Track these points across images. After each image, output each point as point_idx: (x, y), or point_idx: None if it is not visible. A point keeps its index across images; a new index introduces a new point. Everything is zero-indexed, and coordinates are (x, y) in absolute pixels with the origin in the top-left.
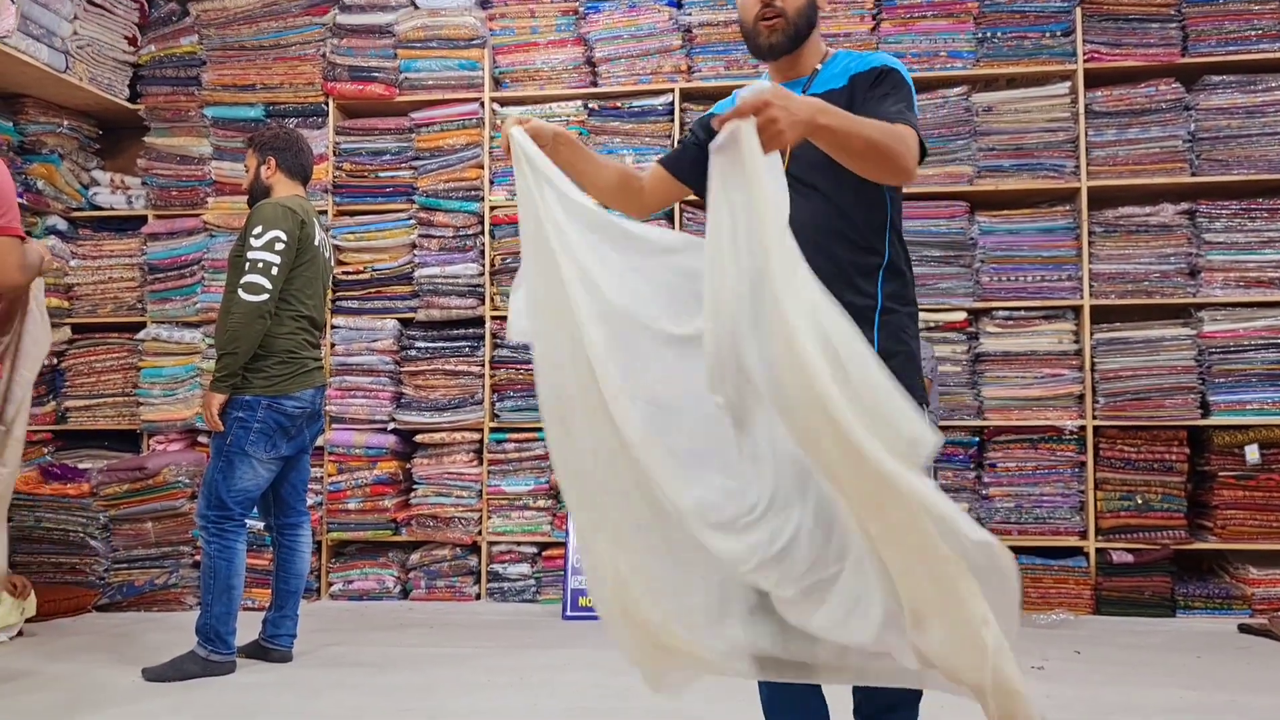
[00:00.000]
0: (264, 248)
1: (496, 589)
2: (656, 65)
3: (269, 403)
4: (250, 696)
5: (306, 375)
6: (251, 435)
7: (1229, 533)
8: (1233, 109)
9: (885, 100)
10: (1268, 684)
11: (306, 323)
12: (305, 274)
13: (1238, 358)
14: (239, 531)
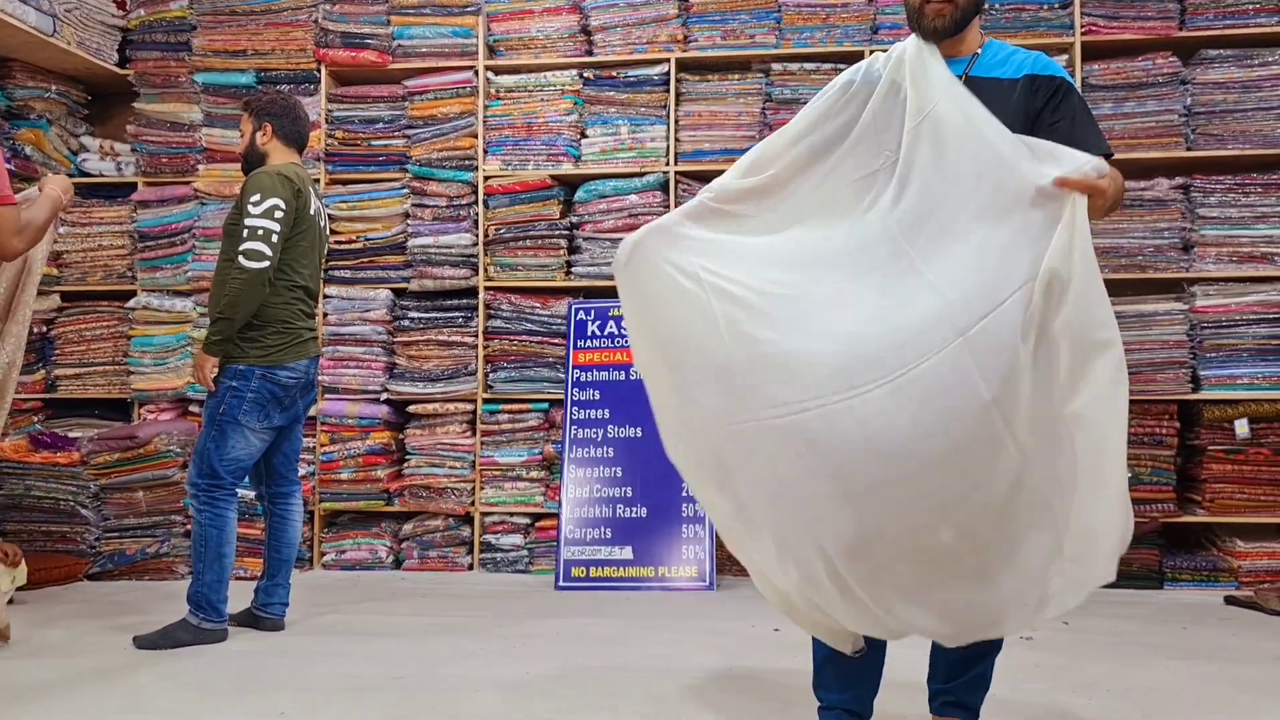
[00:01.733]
0: (263, 215)
1: (489, 559)
2: (653, 35)
3: (263, 372)
4: (242, 665)
5: (301, 345)
6: (245, 405)
7: (1217, 506)
8: (1229, 83)
9: (1084, 127)
10: (1253, 655)
11: (302, 292)
12: (301, 243)
13: (1229, 333)
14: (230, 500)
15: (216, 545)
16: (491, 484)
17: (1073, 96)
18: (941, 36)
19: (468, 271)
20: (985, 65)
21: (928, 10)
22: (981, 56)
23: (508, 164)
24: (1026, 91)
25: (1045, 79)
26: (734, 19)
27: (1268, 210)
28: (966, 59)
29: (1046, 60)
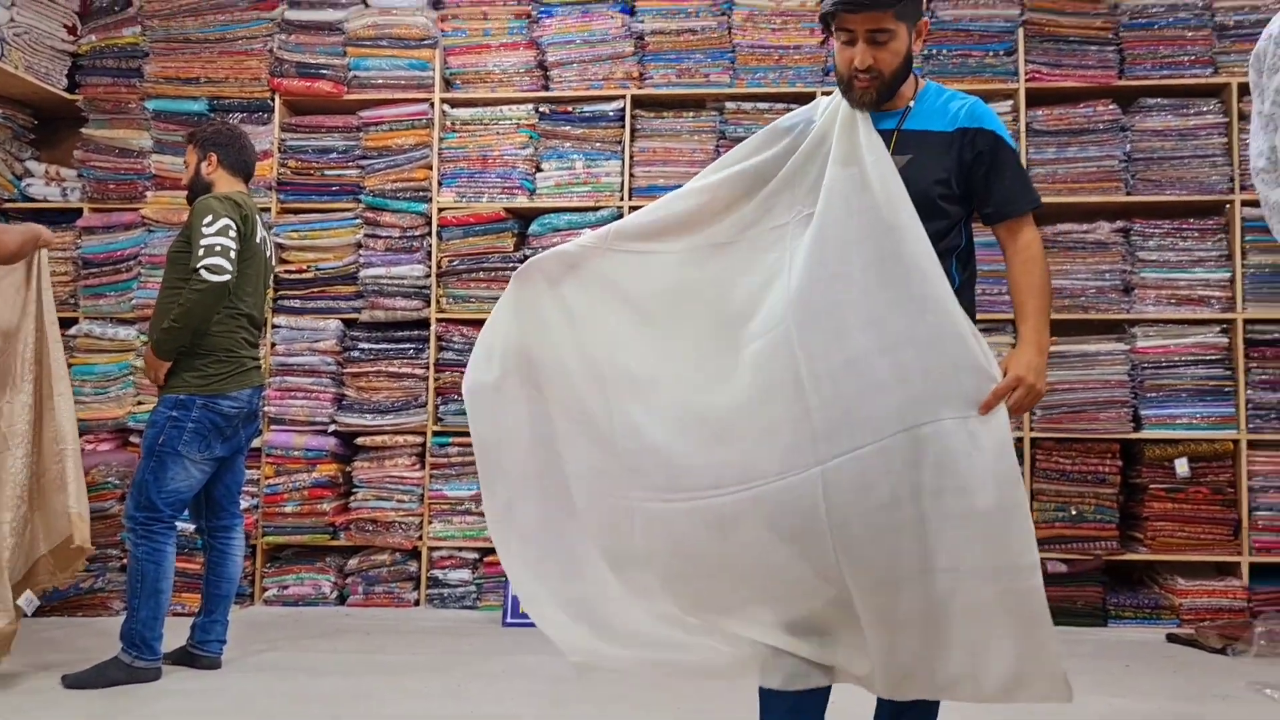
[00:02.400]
0: (219, 233)
1: (436, 595)
2: (608, 71)
3: (205, 402)
4: (174, 705)
5: (244, 375)
6: (185, 435)
7: (1159, 544)
8: (1166, 131)
9: (1008, 179)
10: (1192, 693)
11: (246, 321)
12: (247, 271)
13: (1169, 373)
14: (168, 534)
15: (153, 580)
16: (440, 518)
17: (1003, 151)
18: (871, 108)
19: (420, 303)
20: (920, 117)
21: (855, 84)
22: (916, 107)
23: (462, 196)
24: (959, 144)
25: (976, 131)
26: (689, 58)
27: (1204, 254)
28: (900, 112)
29: (981, 111)
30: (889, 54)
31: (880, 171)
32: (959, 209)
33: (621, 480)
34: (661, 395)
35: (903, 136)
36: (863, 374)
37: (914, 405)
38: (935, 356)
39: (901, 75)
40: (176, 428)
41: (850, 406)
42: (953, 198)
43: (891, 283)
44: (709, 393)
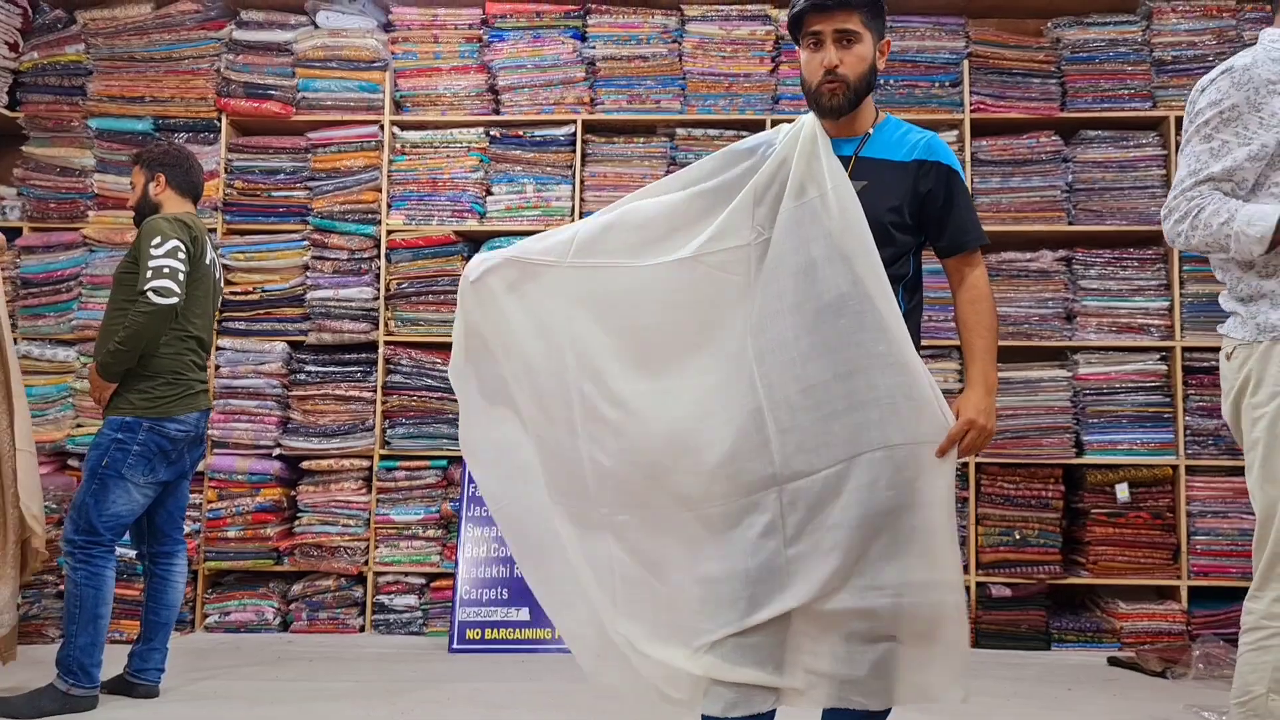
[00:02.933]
0: (167, 255)
1: (382, 621)
2: (560, 96)
3: (151, 424)
4: None
5: (192, 398)
6: (130, 458)
7: (1100, 568)
8: (1107, 162)
9: (960, 213)
10: (1132, 715)
11: (194, 343)
12: (195, 292)
13: (1110, 400)
14: (108, 559)
15: (92, 606)
16: (386, 543)
17: (957, 185)
18: (838, 114)
19: (368, 326)
20: (878, 145)
21: (823, 90)
22: (874, 136)
23: (411, 219)
24: (915, 174)
25: (933, 164)
26: (640, 84)
27: (1143, 283)
28: (859, 138)
29: (938, 145)
30: (855, 57)
31: (839, 196)
32: (910, 239)
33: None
34: (625, 417)
35: (860, 163)
36: (818, 403)
37: (865, 431)
38: (885, 384)
39: (866, 85)
40: (121, 450)
41: (806, 434)
42: (905, 227)
43: (845, 311)
44: (672, 415)
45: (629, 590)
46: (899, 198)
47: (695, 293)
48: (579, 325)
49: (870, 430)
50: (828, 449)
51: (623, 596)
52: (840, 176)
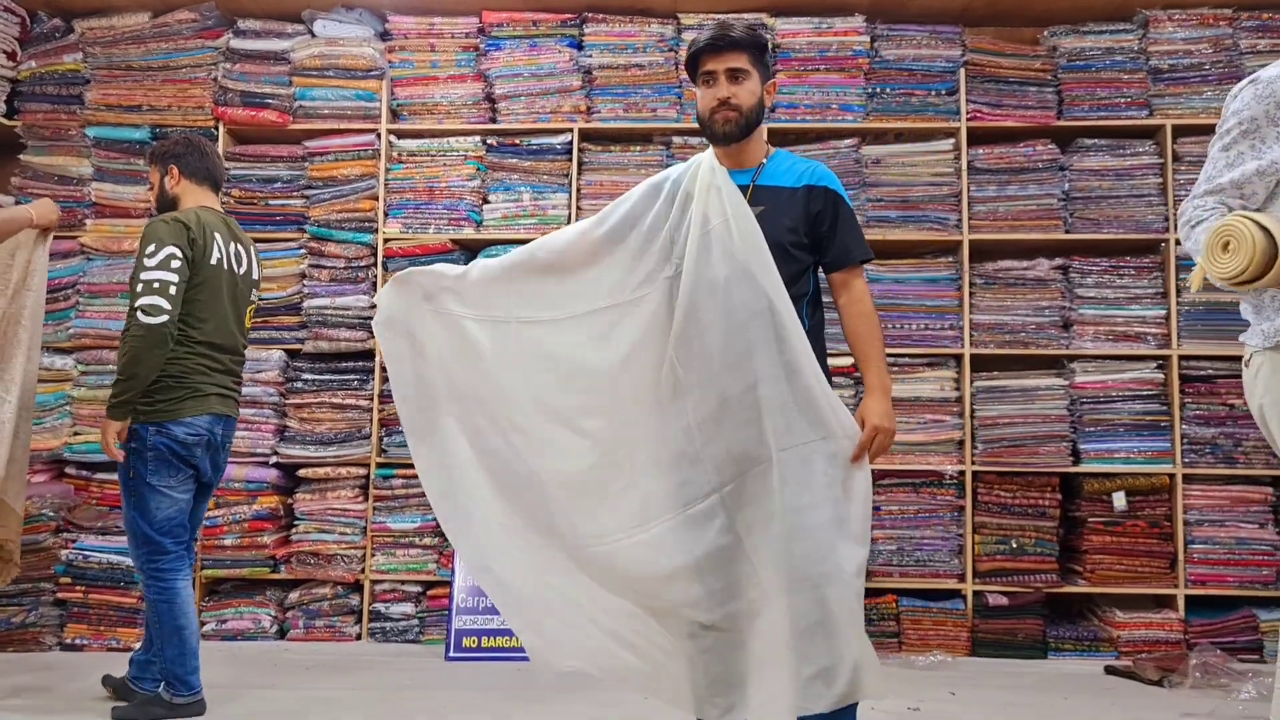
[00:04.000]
0: (159, 266)
1: (378, 629)
2: (556, 104)
3: (157, 429)
4: None
5: (200, 400)
6: (149, 464)
7: (1097, 577)
8: (1104, 171)
9: (845, 232)
10: None
11: (204, 348)
12: (199, 296)
13: (1106, 408)
14: (177, 567)
15: (170, 619)
16: (383, 550)
17: (842, 206)
18: (730, 141)
19: (364, 334)
20: (770, 174)
21: (717, 119)
22: (768, 166)
23: (408, 227)
24: (805, 198)
25: (820, 189)
26: (636, 93)
27: (1140, 292)
28: (753, 169)
29: (824, 172)
30: (746, 91)
31: (739, 220)
32: (807, 256)
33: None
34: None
35: (756, 191)
36: (733, 412)
37: (770, 436)
38: (783, 391)
39: (756, 117)
40: (139, 459)
41: (729, 441)
42: (801, 245)
43: (751, 325)
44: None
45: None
46: (794, 219)
47: (627, 330)
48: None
49: (774, 435)
50: (744, 456)
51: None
52: (739, 203)
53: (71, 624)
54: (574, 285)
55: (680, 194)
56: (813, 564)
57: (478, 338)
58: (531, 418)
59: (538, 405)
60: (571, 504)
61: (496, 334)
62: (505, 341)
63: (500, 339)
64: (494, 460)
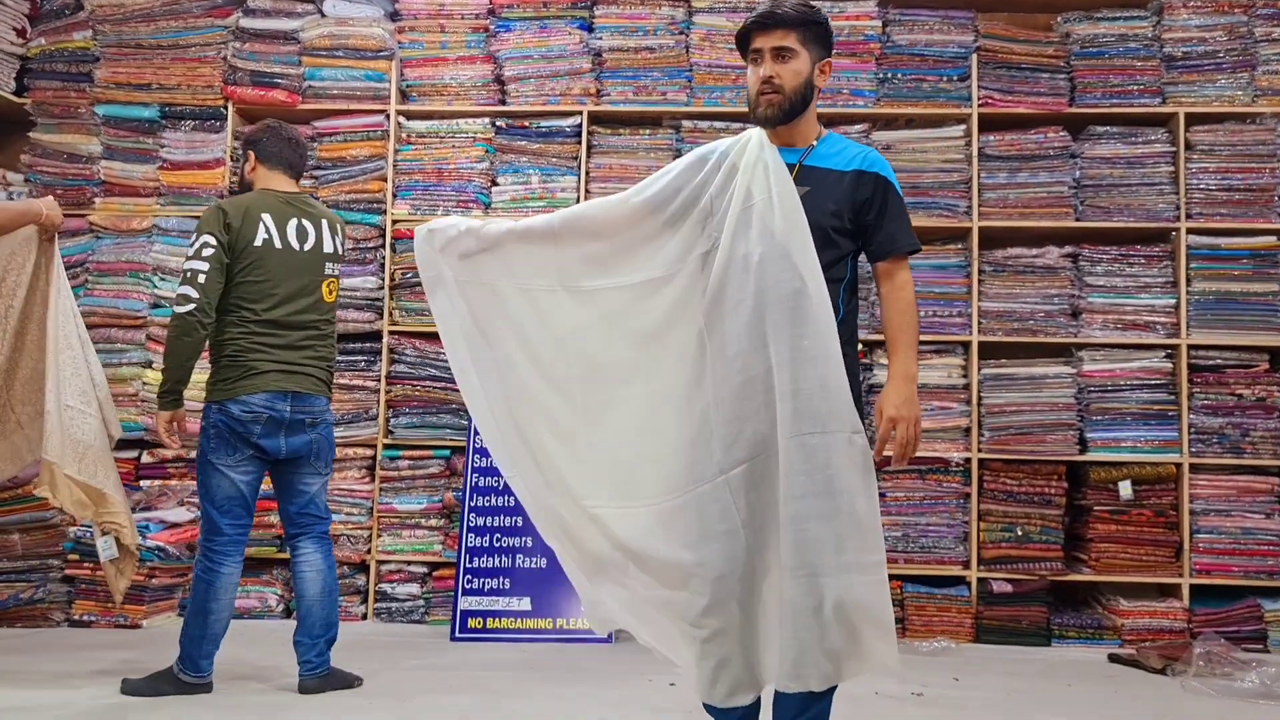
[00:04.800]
0: (194, 255)
1: (384, 609)
2: (566, 87)
3: (218, 407)
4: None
5: (257, 379)
6: (211, 442)
7: (1102, 565)
8: (1115, 158)
9: (893, 221)
10: (1132, 713)
11: (259, 326)
12: (249, 277)
13: (1114, 397)
14: (228, 553)
15: (202, 599)
16: (389, 531)
17: (891, 194)
18: (773, 123)
19: (372, 315)
20: (819, 156)
21: (760, 100)
22: (817, 148)
23: (417, 208)
24: (854, 183)
25: (871, 175)
26: (646, 76)
27: (1150, 280)
28: (802, 149)
29: (875, 158)
30: (790, 71)
31: (783, 199)
32: (849, 243)
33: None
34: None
35: (803, 170)
36: (751, 395)
37: (784, 421)
38: (805, 376)
39: (802, 97)
40: (205, 436)
41: (744, 423)
42: (844, 231)
43: (781, 306)
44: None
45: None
46: (839, 204)
47: (660, 303)
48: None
49: (788, 421)
50: (758, 440)
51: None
52: (785, 181)
53: (80, 600)
54: (614, 255)
55: (726, 165)
56: (809, 553)
57: (514, 302)
58: (567, 383)
59: (572, 371)
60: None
61: (536, 301)
62: (544, 307)
63: (540, 305)
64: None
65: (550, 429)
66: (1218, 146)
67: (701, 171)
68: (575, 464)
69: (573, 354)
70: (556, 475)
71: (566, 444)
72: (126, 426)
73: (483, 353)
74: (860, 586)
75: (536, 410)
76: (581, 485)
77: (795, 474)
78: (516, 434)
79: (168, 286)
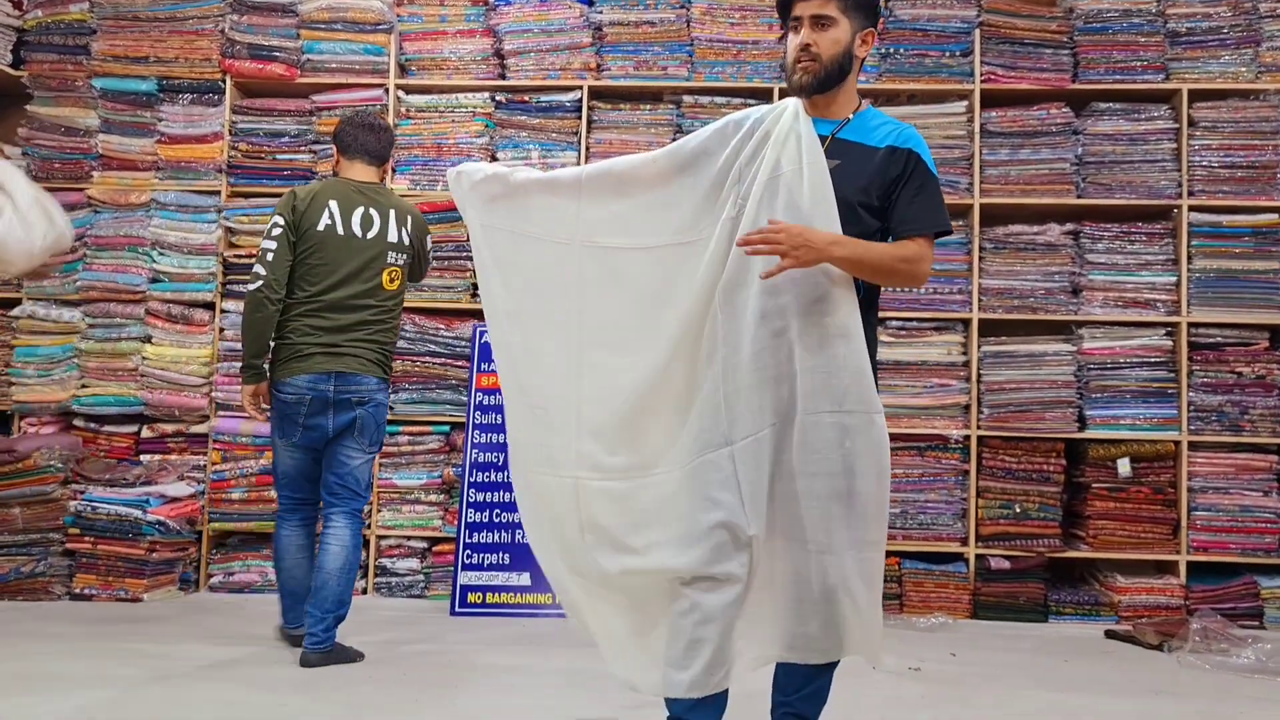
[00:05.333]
0: (266, 235)
1: (384, 584)
2: (566, 61)
3: (276, 387)
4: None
5: (301, 361)
6: (274, 420)
7: (1100, 542)
8: (1117, 135)
9: (916, 200)
10: (1128, 688)
11: (311, 308)
12: (308, 260)
13: (1114, 374)
14: (286, 519)
15: (276, 561)
16: (389, 506)
17: (922, 172)
18: (808, 92)
19: None
20: (854, 129)
21: (797, 68)
22: (853, 121)
23: (416, 184)
24: (886, 160)
25: (904, 151)
26: (647, 50)
27: (1151, 258)
28: (838, 121)
29: (910, 134)
30: (828, 40)
31: (812, 171)
32: (875, 221)
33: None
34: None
35: (836, 143)
36: (763, 366)
37: (799, 398)
38: (824, 354)
39: (840, 67)
40: (271, 413)
41: (752, 395)
42: (871, 209)
43: (801, 279)
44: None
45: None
46: (868, 179)
47: (677, 269)
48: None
49: (804, 398)
50: (764, 411)
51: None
52: (816, 153)
53: (80, 574)
54: (638, 214)
55: (759, 133)
56: (819, 530)
57: (530, 250)
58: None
59: (583, 333)
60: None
61: (552, 252)
62: (560, 259)
63: (556, 257)
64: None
65: (555, 388)
66: (1220, 123)
67: (734, 139)
68: (574, 428)
69: (583, 312)
70: (551, 437)
71: (568, 407)
72: (126, 401)
73: (498, 302)
74: (868, 563)
75: (538, 368)
76: (576, 451)
77: (811, 451)
78: (519, 391)
79: (167, 261)
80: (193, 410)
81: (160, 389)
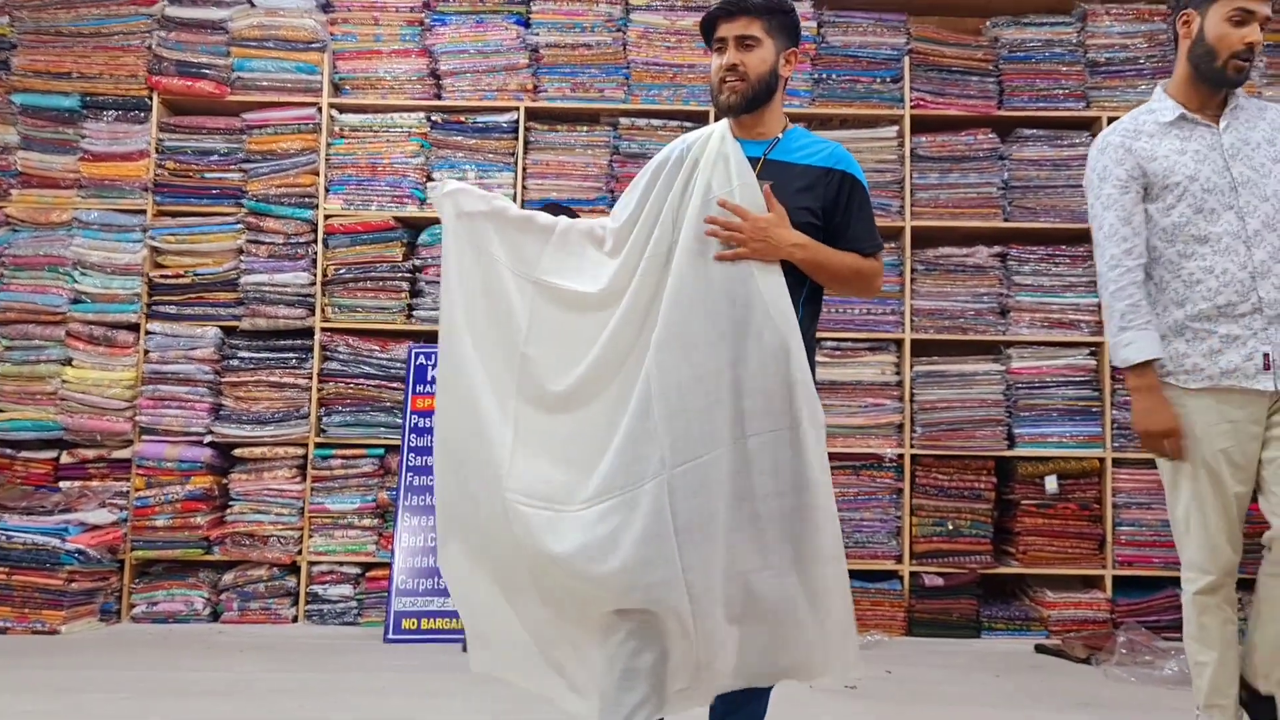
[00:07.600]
0: None
1: (315, 611)
2: (503, 82)
3: None
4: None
5: None
6: None
7: (1029, 558)
8: (1041, 161)
9: (859, 221)
10: (1056, 702)
11: None
12: None
13: (1041, 393)
14: None
15: None
16: (321, 532)
17: (859, 194)
18: (736, 111)
19: (304, 311)
20: (784, 150)
21: (723, 88)
22: (783, 141)
23: (350, 203)
24: (824, 181)
25: (840, 173)
26: (584, 72)
27: (1075, 280)
28: (767, 142)
29: (844, 155)
30: (755, 59)
31: (744, 194)
32: (815, 239)
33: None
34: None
35: (767, 165)
36: (707, 390)
37: (746, 418)
38: (767, 372)
39: (766, 86)
40: None
41: (691, 420)
42: (813, 228)
43: (737, 300)
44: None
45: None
46: (803, 199)
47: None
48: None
49: (751, 418)
50: (712, 436)
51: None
52: (747, 173)
53: None
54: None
55: (687, 162)
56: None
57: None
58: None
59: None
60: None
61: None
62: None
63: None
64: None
65: (496, 409)
66: None
67: (659, 181)
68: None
69: (526, 339)
70: (490, 464)
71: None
72: (44, 426)
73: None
74: (836, 578)
75: (485, 388)
76: (514, 479)
77: (761, 473)
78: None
79: (89, 281)
80: (115, 435)
81: (81, 413)
